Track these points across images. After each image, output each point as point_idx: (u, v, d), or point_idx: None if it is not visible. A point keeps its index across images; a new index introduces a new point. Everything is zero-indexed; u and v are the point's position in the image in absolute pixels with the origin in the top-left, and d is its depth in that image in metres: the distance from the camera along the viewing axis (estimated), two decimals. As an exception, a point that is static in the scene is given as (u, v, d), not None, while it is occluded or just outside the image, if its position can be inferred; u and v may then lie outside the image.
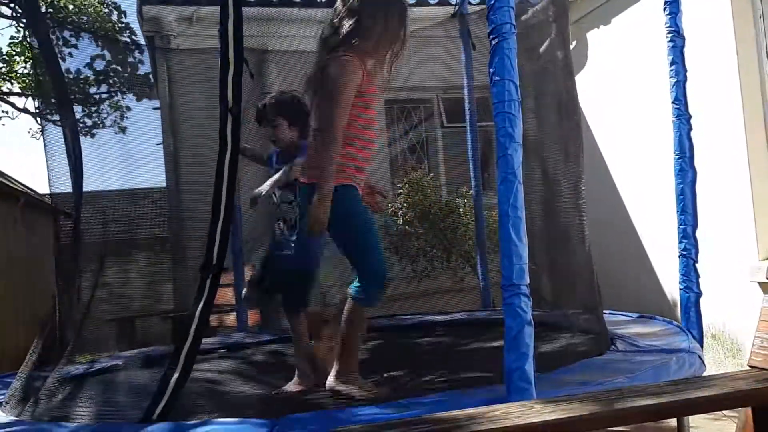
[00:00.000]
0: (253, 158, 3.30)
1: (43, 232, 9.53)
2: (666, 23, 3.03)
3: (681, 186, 3.03)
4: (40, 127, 9.88)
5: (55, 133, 3.12)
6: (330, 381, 2.31)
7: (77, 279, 2.87)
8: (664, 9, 3.04)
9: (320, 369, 2.50)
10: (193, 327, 2.10)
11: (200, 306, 2.11)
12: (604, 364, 2.49)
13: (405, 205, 5.55)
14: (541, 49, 3.45)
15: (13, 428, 2.22)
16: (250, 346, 3.84)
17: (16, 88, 9.02)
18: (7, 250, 7.38)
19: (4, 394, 2.77)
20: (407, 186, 5.62)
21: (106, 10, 8.16)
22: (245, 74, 4.54)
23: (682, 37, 3.02)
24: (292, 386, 2.54)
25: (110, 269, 3.08)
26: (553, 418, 1.64)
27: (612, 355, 2.66)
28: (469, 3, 4.81)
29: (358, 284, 2.28)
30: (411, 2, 5.57)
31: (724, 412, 3.12)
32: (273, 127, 2.99)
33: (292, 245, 2.73)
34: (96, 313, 2.90)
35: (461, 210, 5.42)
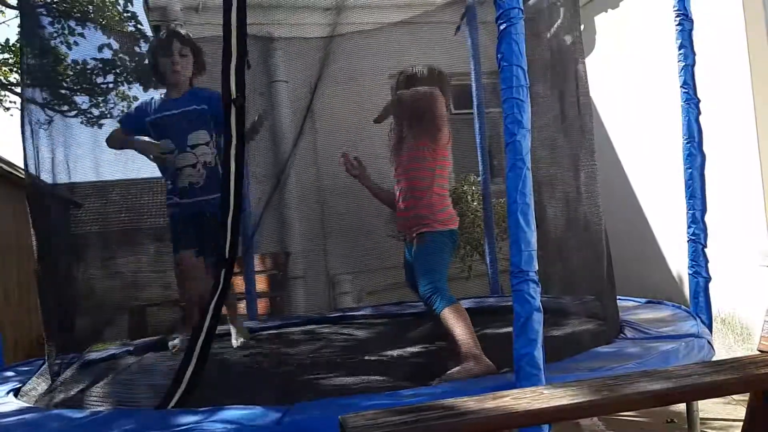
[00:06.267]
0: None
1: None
2: (674, 6, 3.00)
3: (690, 171, 3.01)
4: (48, 117, 9.92)
5: (62, 123, 3.16)
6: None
7: (80, 268, 2.91)
8: (673, -8, 3.01)
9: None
10: (207, 320, 2.11)
11: (215, 299, 2.12)
12: (613, 351, 2.50)
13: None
14: (549, 33, 3.42)
15: (29, 415, 2.25)
16: (259, 332, 3.87)
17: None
18: (17, 240, 7.44)
19: (18, 382, 2.81)
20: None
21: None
22: (251, 61, 4.52)
23: (691, 21, 2.99)
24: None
25: (121, 258, 3.10)
26: (563, 403, 1.65)
27: (621, 342, 2.66)
28: (476, -12, 4.76)
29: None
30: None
31: (734, 396, 3.12)
32: (181, 56, 2.97)
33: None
34: (107, 301, 2.92)
35: (469, 197, 5.41)
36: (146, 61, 3.38)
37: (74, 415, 2.15)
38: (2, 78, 8.92)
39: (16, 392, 2.63)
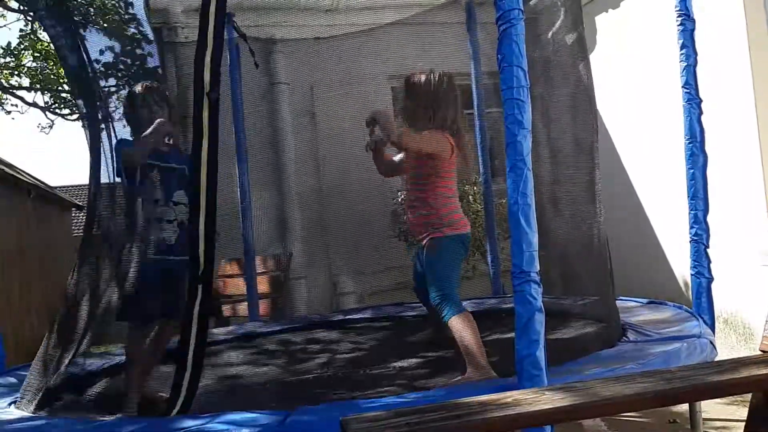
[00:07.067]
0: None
1: (55, 225, 9.61)
2: (676, 6, 3.00)
3: (692, 171, 3.00)
4: (49, 121, 9.94)
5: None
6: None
7: (94, 271, 2.88)
8: (674, -8, 3.01)
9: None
10: (194, 332, 2.03)
11: (195, 310, 2.02)
12: (615, 352, 2.49)
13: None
14: (550, 33, 3.41)
15: (30, 423, 2.24)
16: (262, 336, 3.86)
17: (24, 83, 9.06)
18: (19, 242, 7.44)
19: (19, 387, 2.80)
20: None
21: (114, 2, 8.14)
22: (250, 64, 4.48)
23: (692, 20, 2.99)
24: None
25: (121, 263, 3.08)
26: (565, 404, 1.65)
27: (624, 345, 2.65)
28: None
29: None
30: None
31: (736, 396, 3.11)
32: (158, 108, 2.75)
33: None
34: (111, 306, 2.91)
35: (470, 197, 5.40)
36: (156, 61, 3.16)
37: (74, 423, 2.14)
38: (3, 81, 8.93)
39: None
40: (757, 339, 4.14)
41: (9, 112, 9.42)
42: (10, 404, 2.61)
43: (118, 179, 2.75)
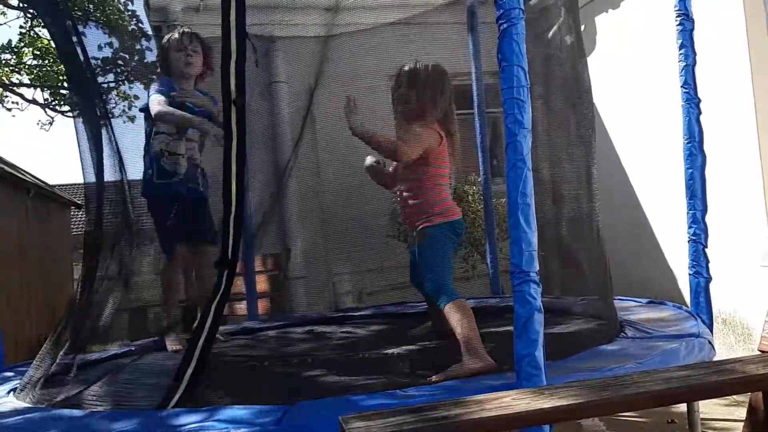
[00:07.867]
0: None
1: (55, 224, 9.61)
2: (675, 6, 3.00)
3: (690, 171, 3.01)
4: (49, 118, 9.93)
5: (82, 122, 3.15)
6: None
7: (96, 268, 2.91)
8: (674, -8, 3.01)
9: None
10: (209, 321, 2.11)
11: (216, 300, 2.12)
12: (613, 351, 2.50)
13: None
14: (550, 33, 3.42)
15: (28, 415, 2.25)
16: (260, 332, 3.87)
17: (25, 80, 9.06)
18: (19, 241, 7.44)
19: (18, 382, 2.81)
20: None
21: (113, -1, 8.15)
22: (251, 62, 4.53)
23: (692, 21, 2.99)
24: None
25: (124, 259, 3.09)
26: (563, 403, 1.65)
27: (622, 341, 2.66)
28: (477, -12, 4.76)
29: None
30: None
31: (735, 397, 3.12)
32: (193, 52, 3.12)
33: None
34: (111, 302, 2.92)
35: (470, 197, 5.41)
36: (155, 56, 3.40)
37: (74, 415, 2.15)
38: (4, 78, 8.93)
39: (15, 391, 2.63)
40: (755, 339, 4.15)
41: (9, 110, 9.42)
42: (9, 392, 2.62)
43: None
